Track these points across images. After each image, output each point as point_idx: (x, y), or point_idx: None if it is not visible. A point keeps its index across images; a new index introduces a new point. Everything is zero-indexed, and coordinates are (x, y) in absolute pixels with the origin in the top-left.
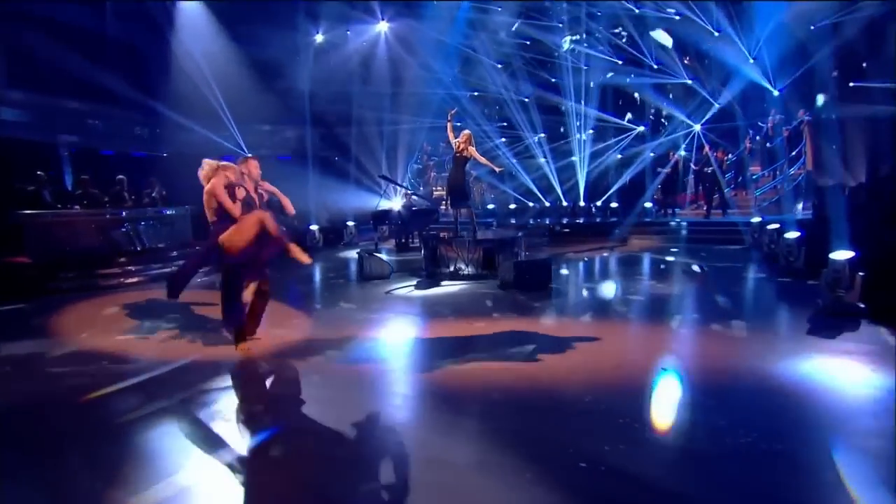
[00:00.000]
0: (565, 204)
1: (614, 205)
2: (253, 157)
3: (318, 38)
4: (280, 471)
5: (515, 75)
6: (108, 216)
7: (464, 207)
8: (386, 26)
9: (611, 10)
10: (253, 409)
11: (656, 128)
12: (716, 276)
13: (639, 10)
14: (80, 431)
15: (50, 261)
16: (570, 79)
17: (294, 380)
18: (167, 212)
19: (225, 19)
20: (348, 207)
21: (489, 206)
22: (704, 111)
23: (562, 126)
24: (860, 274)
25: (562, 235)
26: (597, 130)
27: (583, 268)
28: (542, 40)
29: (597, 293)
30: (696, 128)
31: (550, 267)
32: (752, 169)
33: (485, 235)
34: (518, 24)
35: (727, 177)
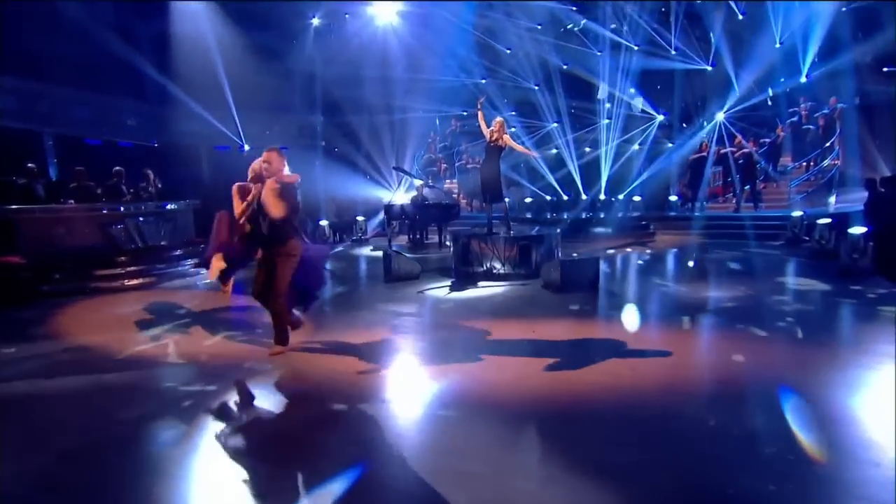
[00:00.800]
0: (585, 197)
1: (637, 198)
2: (273, 149)
3: (316, 22)
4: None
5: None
6: (106, 211)
7: (498, 202)
8: (392, 9)
9: None
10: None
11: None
12: (770, 277)
13: None
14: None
15: (44, 261)
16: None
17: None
18: (169, 206)
19: (222, 2)
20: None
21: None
22: (728, 99)
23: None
24: None
25: (585, 231)
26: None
27: (620, 266)
28: (561, 19)
29: (650, 296)
30: (720, 116)
31: (598, 266)
32: (783, 159)
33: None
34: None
35: (759, 167)
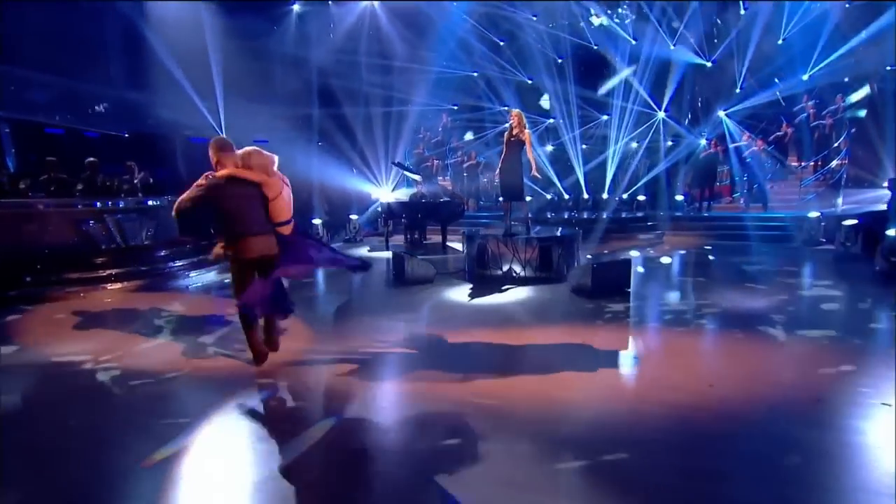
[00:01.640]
0: (586, 196)
1: (641, 198)
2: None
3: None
4: None
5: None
6: (81, 207)
7: (519, 200)
8: None
9: None
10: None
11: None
12: (808, 281)
13: None
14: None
15: (13, 262)
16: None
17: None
18: (151, 202)
19: None
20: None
21: (500, 198)
22: (729, 96)
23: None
24: None
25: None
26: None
27: (643, 270)
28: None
29: (690, 302)
30: (722, 114)
31: (630, 269)
32: (789, 159)
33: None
34: None
35: (767, 166)
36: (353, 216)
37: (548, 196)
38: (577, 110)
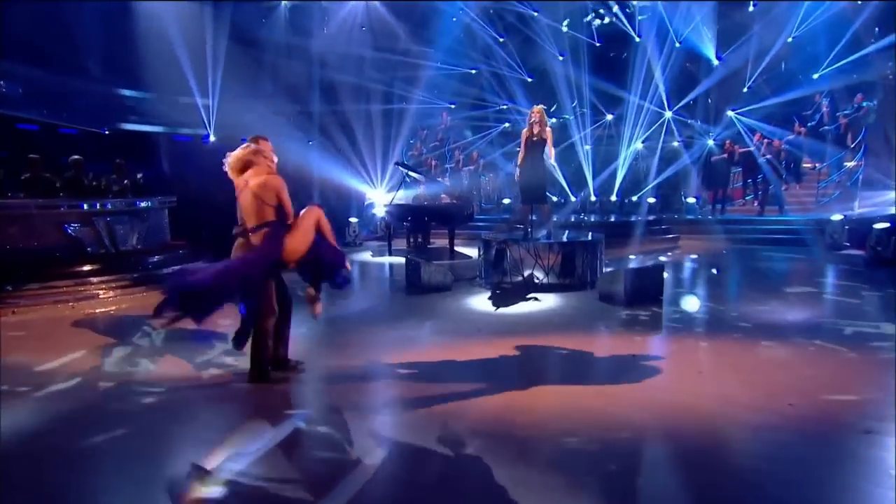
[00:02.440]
0: (594, 199)
1: (651, 200)
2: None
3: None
4: None
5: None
6: (65, 209)
7: (542, 203)
8: None
9: None
10: None
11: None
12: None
13: None
14: None
15: None
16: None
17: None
18: (142, 204)
19: None
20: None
21: (505, 201)
22: (737, 95)
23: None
24: None
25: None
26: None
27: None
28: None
29: (733, 311)
30: (731, 115)
31: (662, 276)
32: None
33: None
34: None
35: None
36: (353, 219)
37: (553, 198)
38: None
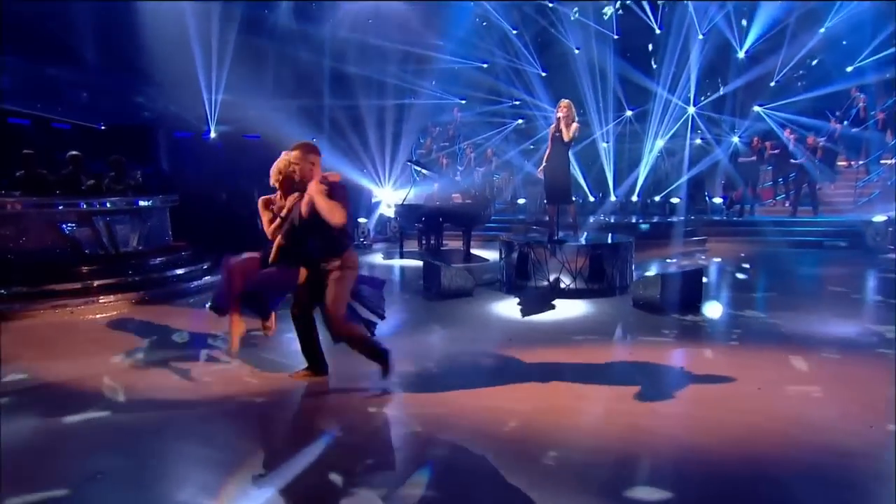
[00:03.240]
0: (614, 199)
1: (675, 200)
2: (305, 144)
3: None
4: None
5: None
6: (63, 207)
7: (566, 203)
8: None
9: None
10: None
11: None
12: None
13: None
14: None
15: None
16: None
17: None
18: (142, 203)
19: None
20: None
21: (520, 201)
22: (765, 90)
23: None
24: None
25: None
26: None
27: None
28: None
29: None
30: (758, 110)
31: (701, 280)
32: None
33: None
34: None
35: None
36: (362, 219)
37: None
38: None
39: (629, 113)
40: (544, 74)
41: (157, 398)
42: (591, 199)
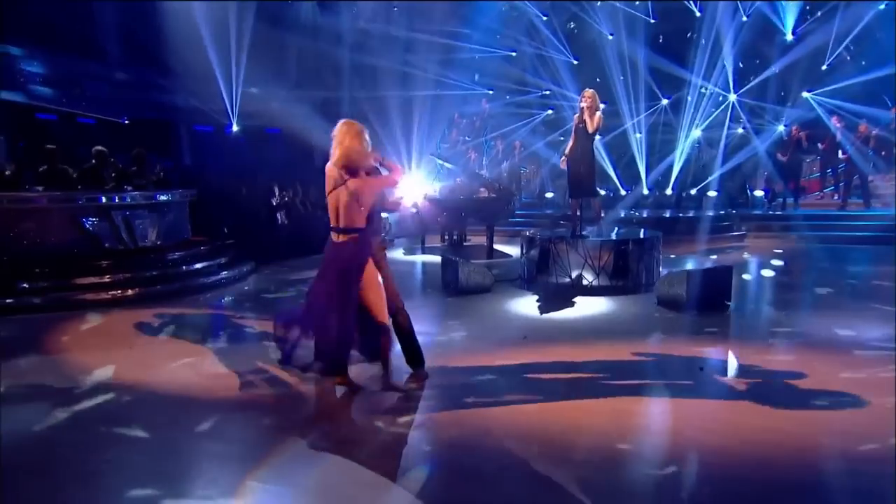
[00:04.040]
0: (646, 192)
1: (712, 193)
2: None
3: None
4: None
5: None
6: (83, 202)
7: (591, 196)
8: None
9: None
10: None
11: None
12: None
13: None
14: None
15: (8, 265)
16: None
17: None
18: (162, 197)
19: None
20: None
21: (547, 195)
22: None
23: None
24: None
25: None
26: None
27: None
28: None
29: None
30: (806, 96)
31: (731, 278)
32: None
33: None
34: None
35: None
36: (384, 214)
37: (601, 192)
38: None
39: (665, 102)
40: (576, 62)
41: (182, 394)
42: (623, 192)
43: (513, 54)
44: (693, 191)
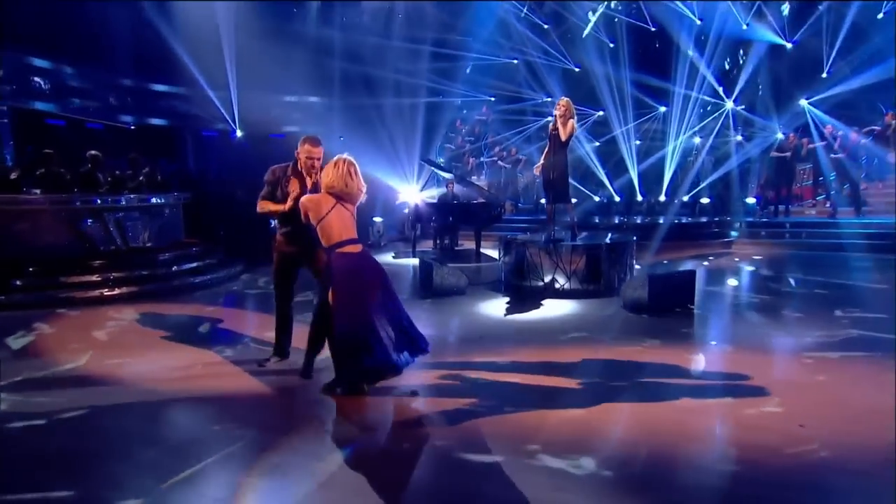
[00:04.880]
0: (640, 199)
1: (705, 200)
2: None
3: None
4: None
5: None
6: (80, 204)
7: (564, 202)
8: None
9: None
10: None
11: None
12: None
13: None
14: None
15: (2, 263)
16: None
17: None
18: (154, 200)
19: None
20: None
21: (542, 201)
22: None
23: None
24: None
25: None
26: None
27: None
28: None
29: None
30: (804, 104)
31: (694, 282)
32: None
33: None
34: None
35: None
36: (377, 218)
37: (596, 198)
38: (632, 101)
39: (662, 109)
40: (577, 70)
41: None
42: (617, 198)
43: (514, 62)
44: (686, 197)
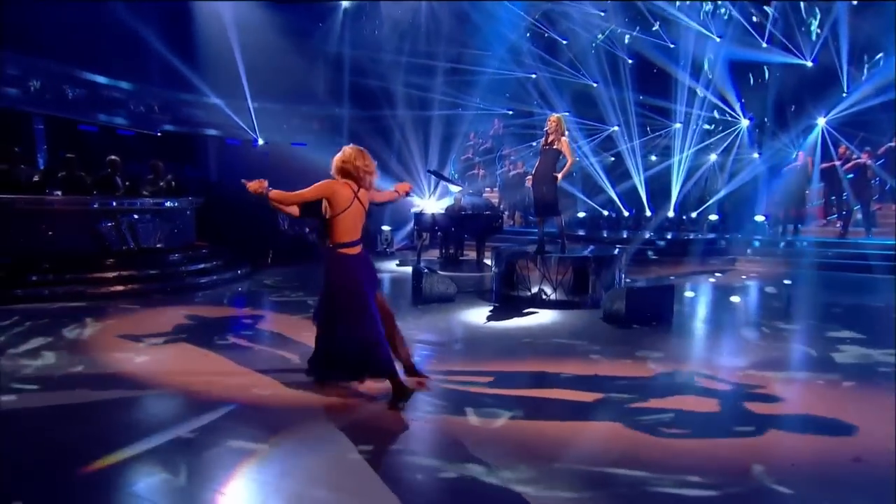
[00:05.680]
0: (648, 214)
1: (713, 217)
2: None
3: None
4: None
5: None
6: (97, 206)
7: (552, 216)
8: None
9: None
10: None
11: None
12: None
13: None
14: None
15: (22, 259)
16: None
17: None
18: (168, 204)
19: None
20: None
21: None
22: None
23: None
24: None
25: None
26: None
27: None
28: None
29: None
30: (821, 122)
31: (673, 296)
32: None
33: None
34: None
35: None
36: (386, 227)
37: (604, 212)
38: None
39: (678, 126)
40: (595, 85)
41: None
42: (626, 213)
43: (533, 76)
44: (694, 214)
